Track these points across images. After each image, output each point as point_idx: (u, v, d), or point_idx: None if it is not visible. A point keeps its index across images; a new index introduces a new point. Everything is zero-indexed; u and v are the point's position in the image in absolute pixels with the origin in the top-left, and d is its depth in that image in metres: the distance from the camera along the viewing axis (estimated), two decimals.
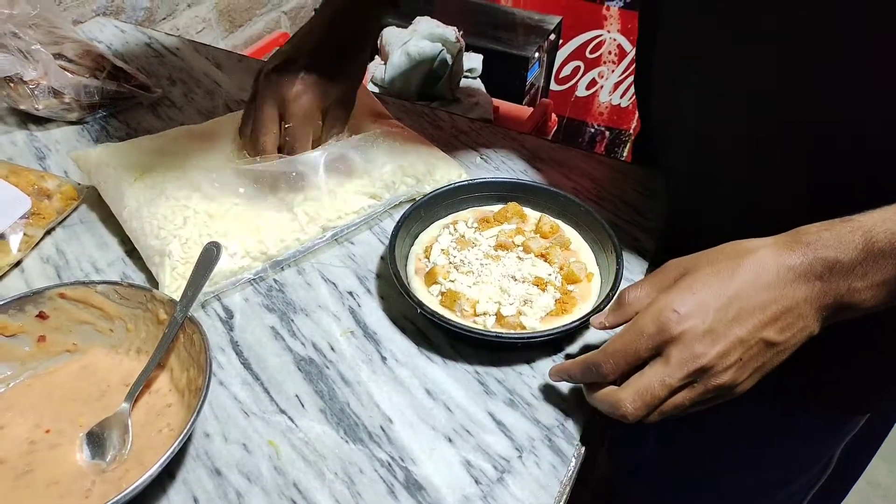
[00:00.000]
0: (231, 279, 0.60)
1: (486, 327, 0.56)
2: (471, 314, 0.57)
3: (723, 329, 0.44)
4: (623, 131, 1.97)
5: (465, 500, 0.47)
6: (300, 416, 0.52)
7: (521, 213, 0.67)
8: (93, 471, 0.46)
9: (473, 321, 0.56)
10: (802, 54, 0.50)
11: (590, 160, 0.80)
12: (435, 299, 0.58)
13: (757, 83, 0.54)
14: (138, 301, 0.53)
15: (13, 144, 0.79)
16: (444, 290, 0.58)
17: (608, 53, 1.84)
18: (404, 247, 0.62)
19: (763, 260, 0.45)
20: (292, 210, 0.64)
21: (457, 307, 0.57)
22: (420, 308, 0.54)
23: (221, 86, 0.91)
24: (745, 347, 0.45)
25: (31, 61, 0.78)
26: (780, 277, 0.44)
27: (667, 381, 0.45)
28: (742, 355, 0.45)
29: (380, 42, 1.36)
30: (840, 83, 0.49)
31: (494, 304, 0.57)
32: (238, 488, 0.47)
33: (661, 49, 0.67)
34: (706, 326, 0.44)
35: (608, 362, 0.47)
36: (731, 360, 0.44)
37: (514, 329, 0.55)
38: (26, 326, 0.52)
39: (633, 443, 0.93)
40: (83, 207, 0.70)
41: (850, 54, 0.48)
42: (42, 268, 0.64)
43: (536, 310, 0.57)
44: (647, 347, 0.46)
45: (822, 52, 0.49)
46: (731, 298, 0.45)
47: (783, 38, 0.50)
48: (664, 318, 0.45)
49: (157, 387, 0.51)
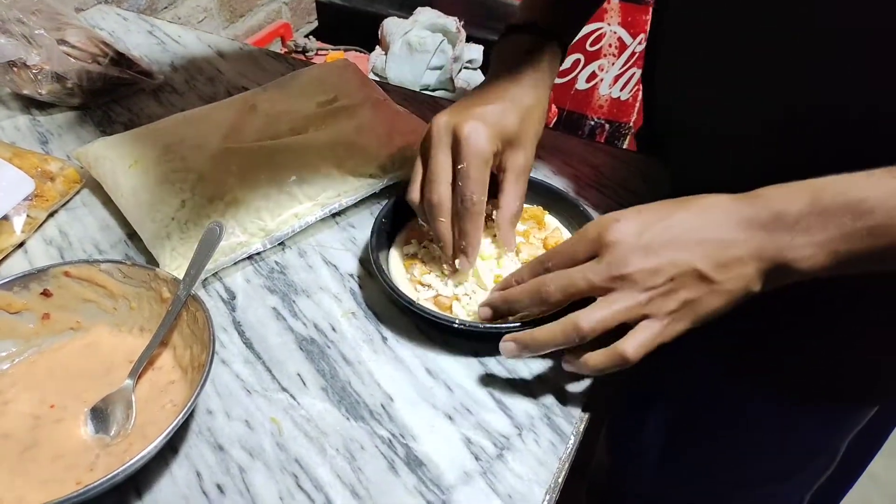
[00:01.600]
0: (230, 255, 0.60)
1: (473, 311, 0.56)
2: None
3: (657, 246, 0.45)
4: (623, 124, 1.97)
5: (466, 475, 0.47)
6: (302, 394, 0.52)
7: (539, 219, 0.64)
8: (97, 444, 0.47)
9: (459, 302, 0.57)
10: (818, 46, 0.49)
11: (590, 148, 0.80)
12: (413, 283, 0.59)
13: (769, 74, 0.53)
14: (142, 280, 0.53)
15: (16, 129, 0.80)
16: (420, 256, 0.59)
17: (608, 46, 1.84)
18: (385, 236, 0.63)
19: (713, 202, 0.47)
20: (290, 191, 0.64)
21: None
22: (395, 292, 0.55)
23: (223, 73, 0.91)
24: (675, 271, 0.45)
25: (35, 46, 0.78)
26: (725, 218, 0.45)
27: (588, 276, 0.46)
28: (672, 280, 0.45)
29: (380, 32, 1.37)
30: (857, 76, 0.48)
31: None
32: (240, 463, 0.48)
33: (670, 41, 0.66)
34: (642, 240, 0.46)
35: (551, 258, 0.50)
36: (659, 280, 0.45)
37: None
38: (31, 304, 0.52)
39: (633, 432, 0.93)
40: (85, 191, 0.71)
41: (877, 45, 0.46)
42: (45, 249, 0.64)
43: None
44: (585, 250, 0.48)
45: (838, 44, 0.48)
46: (672, 224, 0.46)
47: (796, 28, 0.50)
48: (604, 225, 0.47)
49: (160, 364, 0.52)
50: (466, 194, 0.54)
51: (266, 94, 0.76)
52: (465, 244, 0.56)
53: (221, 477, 0.47)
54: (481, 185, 0.55)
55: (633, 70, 1.83)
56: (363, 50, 1.53)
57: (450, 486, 0.47)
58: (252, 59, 0.95)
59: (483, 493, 0.46)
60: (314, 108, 0.72)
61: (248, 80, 0.90)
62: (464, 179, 0.55)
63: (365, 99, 0.74)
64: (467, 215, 0.55)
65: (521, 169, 0.58)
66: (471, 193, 0.54)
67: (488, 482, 0.47)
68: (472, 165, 0.54)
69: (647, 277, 0.45)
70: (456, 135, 0.55)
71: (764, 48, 0.52)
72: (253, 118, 0.70)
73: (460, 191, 0.55)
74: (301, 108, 0.72)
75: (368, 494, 0.46)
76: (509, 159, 0.58)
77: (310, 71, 0.80)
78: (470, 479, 0.47)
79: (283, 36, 1.58)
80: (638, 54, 1.80)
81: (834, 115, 0.50)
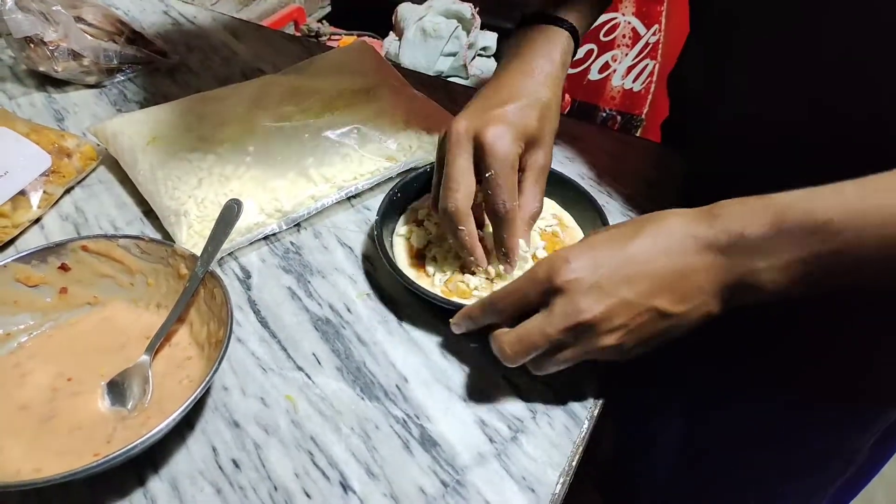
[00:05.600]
0: (246, 235, 0.60)
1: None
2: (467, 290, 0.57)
3: (611, 288, 0.43)
4: (635, 116, 1.96)
5: (480, 456, 0.47)
6: (317, 373, 0.52)
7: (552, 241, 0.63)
8: (115, 417, 0.47)
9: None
10: (853, 41, 0.48)
11: (605, 135, 0.80)
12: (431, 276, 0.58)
13: (800, 65, 0.52)
14: (159, 256, 0.53)
15: (32, 106, 0.80)
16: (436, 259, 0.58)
17: (622, 37, 1.83)
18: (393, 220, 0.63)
19: (668, 226, 0.44)
20: (307, 173, 0.64)
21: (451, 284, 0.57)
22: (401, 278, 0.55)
23: (238, 54, 0.91)
24: (633, 312, 0.43)
25: (52, 23, 0.78)
26: (681, 245, 0.43)
27: (546, 331, 0.45)
28: (629, 320, 0.44)
29: (394, 18, 1.36)
30: None
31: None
32: (256, 440, 0.48)
33: (708, 35, 0.65)
34: (593, 281, 0.44)
35: (502, 301, 0.48)
36: (616, 323, 0.44)
37: None
38: (48, 277, 0.52)
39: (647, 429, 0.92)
40: (101, 168, 0.71)
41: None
42: (62, 225, 0.64)
43: None
44: (537, 292, 0.46)
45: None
46: (627, 259, 0.44)
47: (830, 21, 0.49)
48: (555, 266, 0.45)
49: (176, 340, 0.52)
50: (499, 203, 0.53)
51: (285, 77, 0.76)
52: (507, 250, 0.55)
53: (237, 452, 0.47)
54: (512, 192, 0.54)
55: (646, 61, 1.82)
56: (376, 35, 1.52)
57: (464, 467, 0.47)
58: (267, 41, 0.94)
59: (497, 474, 0.46)
60: (332, 92, 0.72)
61: (264, 62, 0.89)
62: (493, 188, 0.53)
63: (383, 82, 0.74)
64: (502, 223, 0.54)
65: (541, 168, 0.58)
66: (503, 202, 0.53)
67: (502, 464, 0.47)
68: (501, 173, 0.53)
69: (603, 322, 0.44)
70: (479, 140, 0.53)
71: (796, 39, 0.51)
72: (272, 99, 0.70)
73: (492, 200, 0.54)
74: (319, 90, 0.72)
75: (383, 473, 0.46)
76: (530, 158, 0.57)
77: (328, 55, 0.80)
78: (484, 461, 0.47)
79: (297, 20, 1.58)
80: (651, 45, 1.79)
81: (861, 113, 0.49)
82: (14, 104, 0.79)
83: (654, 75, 1.84)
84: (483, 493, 0.45)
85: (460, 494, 0.45)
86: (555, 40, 0.62)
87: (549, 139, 0.59)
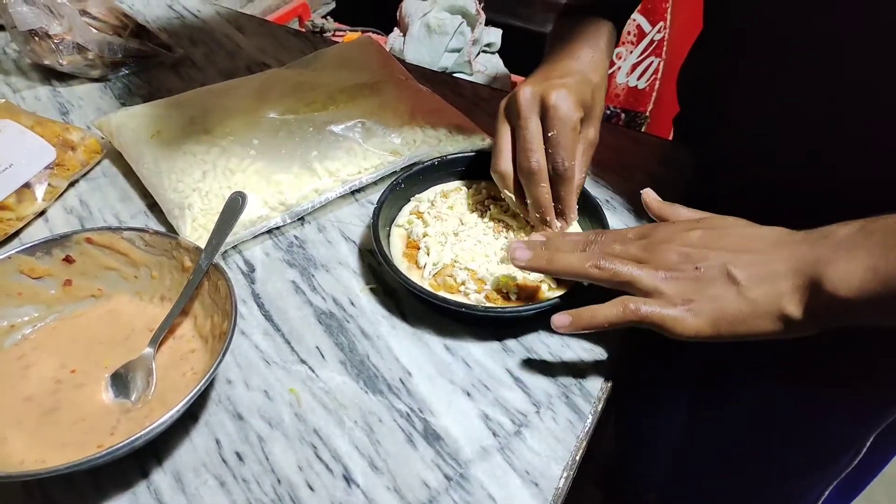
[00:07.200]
0: (250, 229, 0.60)
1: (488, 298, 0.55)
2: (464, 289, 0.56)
3: (700, 244, 0.47)
4: (639, 114, 1.96)
5: (483, 450, 0.47)
6: (321, 366, 0.52)
7: None
8: (118, 409, 0.47)
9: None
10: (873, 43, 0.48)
11: (612, 131, 0.79)
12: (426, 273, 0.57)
13: (818, 66, 0.52)
14: (163, 248, 0.53)
15: (37, 99, 0.80)
16: (435, 262, 0.58)
17: (627, 34, 1.82)
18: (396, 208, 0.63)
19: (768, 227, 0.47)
20: (311, 167, 0.64)
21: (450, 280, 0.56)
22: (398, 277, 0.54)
23: (243, 48, 0.91)
24: (706, 263, 0.46)
25: (56, 16, 0.78)
26: (772, 230, 0.46)
27: (631, 251, 0.48)
28: (698, 269, 0.46)
29: (399, 13, 1.36)
30: None
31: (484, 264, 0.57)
32: (259, 432, 0.48)
33: (723, 31, 0.65)
34: (688, 233, 0.48)
35: (598, 236, 0.51)
36: (688, 266, 0.46)
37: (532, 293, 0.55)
38: (53, 270, 0.52)
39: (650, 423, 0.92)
40: (106, 162, 0.71)
41: None
42: (66, 218, 0.64)
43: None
44: (635, 234, 0.50)
45: None
46: (724, 231, 0.48)
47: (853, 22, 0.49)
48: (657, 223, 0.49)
49: (180, 333, 0.52)
50: (559, 161, 0.56)
51: (290, 71, 0.76)
52: (563, 207, 0.58)
53: (240, 445, 0.47)
54: (572, 152, 0.56)
55: (651, 59, 1.82)
56: (381, 31, 1.52)
57: (467, 461, 0.47)
58: (272, 35, 0.94)
59: (500, 468, 0.46)
60: (337, 86, 0.72)
61: (268, 56, 0.89)
62: (555, 147, 0.56)
63: (387, 77, 0.74)
64: (561, 181, 0.57)
65: (590, 142, 0.59)
66: (562, 160, 0.56)
67: (506, 458, 0.47)
68: (562, 133, 0.55)
69: (676, 241, 0.47)
70: (544, 102, 0.56)
71: (815, 40, 0.51)
72: (276, 93, 0.70)
73: (552, 158, 0.56)
74: (324, 85, 0.72)
75: (386, 466, 0.46)
76: (582, 130, 0.59)
77: (332, 49, 0.80)
78: (487, 455, 0.47)
79: (301, 16, 1.58)
80: (657, 42, 1.78)
81: (874, 119, 0.49)
82: (19, 97, 0.80)
83: (659, 73, 1.83)
84: (486, 486, 0.45)
85: (464, 488, 0.45)
86: (600, 29, 0.64)
87: (599, 117, 0.61)
